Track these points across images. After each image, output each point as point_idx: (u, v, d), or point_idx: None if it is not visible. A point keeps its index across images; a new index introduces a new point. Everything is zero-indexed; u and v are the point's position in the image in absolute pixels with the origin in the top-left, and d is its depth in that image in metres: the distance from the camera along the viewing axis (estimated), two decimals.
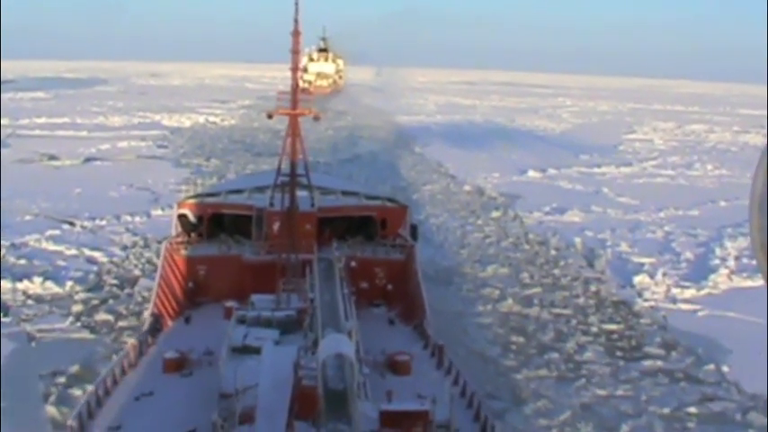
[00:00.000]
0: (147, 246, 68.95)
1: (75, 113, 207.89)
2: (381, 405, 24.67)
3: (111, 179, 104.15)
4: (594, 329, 51.92)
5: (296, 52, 42.03)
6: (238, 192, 53.58)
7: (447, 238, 77.12)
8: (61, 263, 62.41)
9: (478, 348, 47.02)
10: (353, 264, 44.68)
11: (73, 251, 66.05)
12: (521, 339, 49.19)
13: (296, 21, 41.31)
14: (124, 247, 68.25)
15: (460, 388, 32.29)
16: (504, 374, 43.39)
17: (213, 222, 50.66)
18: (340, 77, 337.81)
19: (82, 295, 54.75)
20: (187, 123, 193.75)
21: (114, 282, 58.40)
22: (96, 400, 30.34)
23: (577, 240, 76.00)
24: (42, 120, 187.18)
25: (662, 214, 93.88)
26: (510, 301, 56.83)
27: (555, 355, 46.56)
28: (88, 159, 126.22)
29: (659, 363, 46.28)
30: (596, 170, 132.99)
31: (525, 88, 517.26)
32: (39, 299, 53.76)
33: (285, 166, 42.58)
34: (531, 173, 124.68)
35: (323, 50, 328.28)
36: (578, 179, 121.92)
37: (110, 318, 50.32)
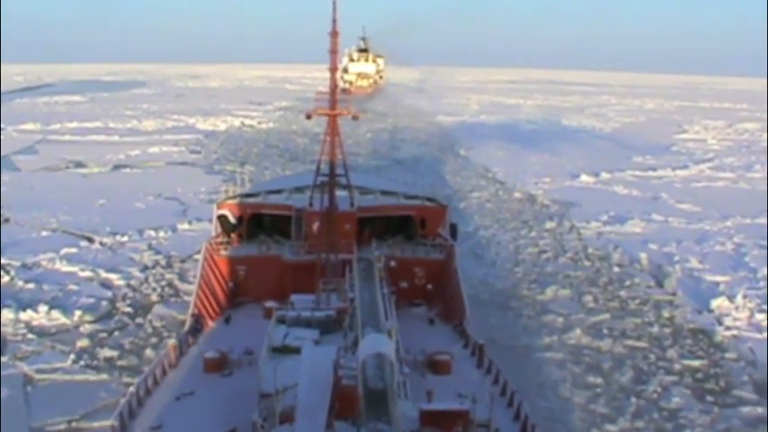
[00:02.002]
0: (169, 266, 63.06)
1: (109, 117, 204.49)
2: (421, 404, 24.82)
3: (138, 188, 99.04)
4: (677, 366, 45.51)
5: (334, 52, 41.73)
6: (278, 192, 53.57)
7: (499, 254, 70.29)
8: (73, 287, 56.72)
9: (565, 393, 41.30)
10: (393, 263, 44.90)
11: (87, 273, 60.34)
12: (599, 380, 43.16)
13: (334, 21, 41.27)
14: (144, 268, 62.30)
15: (500, 387, 31.86)
16: (599, 426, 38.04)
17: (253, 222, 50.76)
18: (380, 77, 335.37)
19: (89, 327, 48.94)
20: (222, 127, 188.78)
21: (127, 309, 52.57)
22: (137, 399, 30.26)
23: (642, 255, 69.07)
24: (74, 124, 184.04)
25: (728, 223, 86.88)
26: (578, 331, 50.21)
27: (642, 403, 40.55)
28: (117, 166, 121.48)
29: (759, 410, 40.27)
30: (651, 173, 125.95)
31: (568, 86, 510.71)
32: (42, 332, 48.01)
33: (324, 167, 42.67)
34: (584, 177, 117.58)
35: (363, 50, 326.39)
36: (634, 183, 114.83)
37: (114, 354, 44.66)
